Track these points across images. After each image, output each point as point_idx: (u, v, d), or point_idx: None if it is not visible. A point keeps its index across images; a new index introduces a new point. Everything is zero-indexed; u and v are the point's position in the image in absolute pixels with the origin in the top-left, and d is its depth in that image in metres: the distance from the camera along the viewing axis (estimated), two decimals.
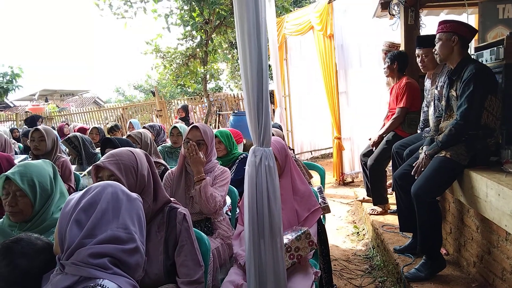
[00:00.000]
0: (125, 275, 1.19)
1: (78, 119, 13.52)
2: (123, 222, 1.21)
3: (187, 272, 1.72)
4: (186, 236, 1.76)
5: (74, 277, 1.11)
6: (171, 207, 1.82)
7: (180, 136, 4.19)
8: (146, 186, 1.76)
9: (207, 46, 9.33)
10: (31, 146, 3.72)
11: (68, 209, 1.22)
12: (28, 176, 1.81)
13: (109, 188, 1.26)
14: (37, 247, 1.34)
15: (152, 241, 1.74)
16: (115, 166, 1.68)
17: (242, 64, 1.79)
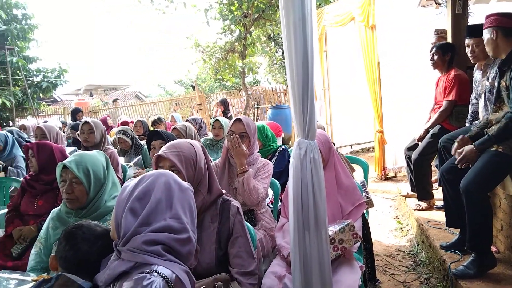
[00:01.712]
0: (179, 262, 1.23)
1: (120, 113, 13.97)
2: (175, 212, 1.24)
3: (241, 263, 1.76)
4: (240, 229, 1.81)
5: (130, 263, 1.17)
6: (224, 199, 1.87)
7: (221, 129, 4.25)
8: (202, 178, 1.82)
9: (246, 40, 9.37)
10: (81, 138, 3.90)
11: (123, 197, 1.27)
12: (83, 165, 1.90)
13: (162, 177, 1.29)
14: (96, 233, 1.41)
15: (205, 231, 1.80)
16: (177, 157, 1.74)
17: (287, 56, 1.78)
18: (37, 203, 2.87)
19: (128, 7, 57.05)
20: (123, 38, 53.13)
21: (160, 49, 45.46)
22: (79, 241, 1.37)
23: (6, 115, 13.56)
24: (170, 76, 28.51)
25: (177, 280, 1.16)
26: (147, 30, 61.44)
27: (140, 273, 1.12)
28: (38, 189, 2.89)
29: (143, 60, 39.88)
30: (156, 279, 1.09)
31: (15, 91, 13.49)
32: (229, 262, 1.81)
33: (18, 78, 13.81)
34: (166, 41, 50.29)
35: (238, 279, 1.76)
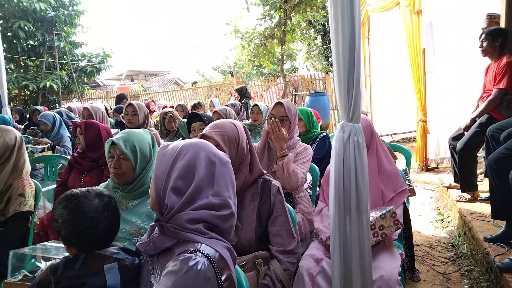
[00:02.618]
0: (220, 239, 1.24)
1: (161, 98, 14.27)
2: (218, 190, 1.24)
3: (281, 241, 1.79)
4: (280, 208, 1.84)
5: (173, 240, 1.20)
6: (264, 179, 1.90)
7: (260, 114, 4.26)
8: (244, 158, 1.85)
9: (285, 26, 9.27)
10: (125, 120, 4.03)
11: (162, 169, 1.25)
12: (130, 142, 1.97)
13: (202, 151, 1.27)
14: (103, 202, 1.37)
15: (246, 209, 1.84)
16: (220, 137, 1.78)
17: (333, 37, 1.76)
18: (83, 179, 3.01)
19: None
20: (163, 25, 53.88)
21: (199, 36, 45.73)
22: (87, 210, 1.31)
23: (53, 97, 14.18)
24: (209, 63, 28.78)
25: (220, 258, 1.18)
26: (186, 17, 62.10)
27: (185, 252, 1.14)
28: (85, 166, 3.02)
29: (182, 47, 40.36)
30: (201, 259, 1.11)
31: (62, 75, 14.05)
32: (269, 240, 1.83)
33: (64, 63, 14.37)
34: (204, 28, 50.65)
35: (278, 257, 1.79)
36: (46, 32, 13.62)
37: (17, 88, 13.45)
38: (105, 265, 1.22)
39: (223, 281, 1.15)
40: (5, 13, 12.93)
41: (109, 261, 1.24)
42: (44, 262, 1.70)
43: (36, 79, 13.32)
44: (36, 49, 14.05)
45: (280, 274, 1.79)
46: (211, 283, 1.11)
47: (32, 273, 1.64)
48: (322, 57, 15.04)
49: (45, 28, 13.69)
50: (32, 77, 13.40)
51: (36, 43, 13.95)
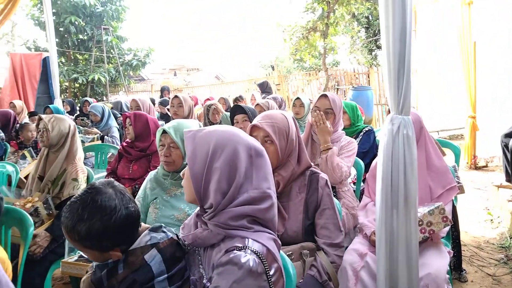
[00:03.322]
0: (265, 230, 1.25)
1: (202, 92, 14.51)
2: (257, 182, 1.23)
3: (328, 234, 1.78)
4: (328, 201, 1.83)
5: (219, 236, 1.21)
6: (312, 171, 1.89)
7: (302, 107, 4.23)
8: (293, 150, 1.84)
9: (329, 18, 9.14)
10: (171, 112, 4.13)
11: (199, 168, 1.21)
12: (180, 131, 2.03)
13: (238, 146, 1.23)
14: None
15: (292, 200, 1.84)
16: (271, 128, 1.77)
17: (383, 27, 1.72)
18: (132, 168, 3.12)
19: None
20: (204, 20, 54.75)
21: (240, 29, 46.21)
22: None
23: (101, 90, 14.75)
24: (250, 58, 28.89)
25: (267, 252, 1.19)
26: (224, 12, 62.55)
27: (234, 249, 1.15)
28: (133, 155, 3.14)
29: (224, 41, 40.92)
30: (251, 256, 1.13)
31: (109, 68, 14.58)
32: (316, 232, 1.82)
33: (111, 56, 14.89)
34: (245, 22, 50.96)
35: (325, 249, 1.78)
36: (94, 27, 14.18)
37: (68, 80, 14.09)
38: (145, 255, 1.19)
39: (272, 275, 1.17)
40: (58, 9, 13.55)
41: (147, 250, 1.20)
42: None
43: (85, 72, 13.90)
44: (85, 43, 14.65)
45: (327, 266, 1.78)
46: (262, 279, 1.13)
47: None
48: (365, 51, 14.72)
49: (94, 22, 14.24)
50: (81, 70, 14.00)
51: (85, 37, 14.54)
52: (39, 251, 2.30)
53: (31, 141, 4.62)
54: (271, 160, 1.68)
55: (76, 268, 1.67)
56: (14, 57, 10.25)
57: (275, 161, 1.80)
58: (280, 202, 1.80)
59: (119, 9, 14.70)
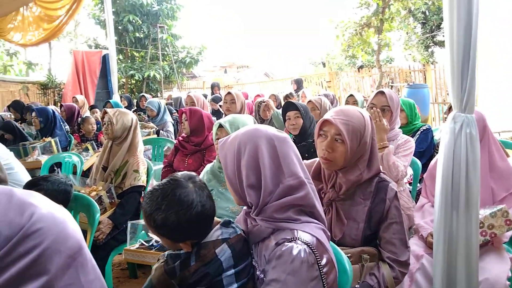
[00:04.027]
0: (313, 221, 1.26)
1: (252, 89, 14.63)
2: (287, 169, 1.24)
3: (394, 250, 1.65)
4: (396, 215, 1.67)
5: (268, 230, 1.24)
6: (380, 178, 1.73)
7: (355, 105, 4.17)
8: (364, 153, 1.68)
9: (384, 14, 8.89)
10: (224, 108, 4.22)
11: (231, 170, 1.28)
12: (235, 125, 2.09)
13: (258, 140, 1.26)
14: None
15: (355, 206, 1.70)
16: (345, 126, 1.60)
17: (447, 19, 1.66)
18: (187, 161, 3.23)
19: None
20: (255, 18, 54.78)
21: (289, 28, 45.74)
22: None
23: (156, 86, 15.29)
24: (300, 55, 28.70)
25: (318, 243, 1.20)
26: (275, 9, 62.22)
27: (285, 241, 1.18)
28: (189, 149, 3.25)
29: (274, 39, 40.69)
30: (301, 247, 1.15)
31: (164, 65, 15.08)
32: (380, 245, 1.70)
33: (166, 54, 15.39)
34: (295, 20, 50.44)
35: (390, 264, 1.67)
36: (151, 25, 14.71)
37: (125, 77, 14.73)
38: (216, 249, 1.22)
39: (324, 265, 1.18)
40: (117, 8, 14.20)
41: (218, 245, 1.23)
42: None
43: (141, 69, 14.48)
44: (142, 41, 15.25)
45: (388, 280, 1.66)
46: (314, 269, 1.15)
47: (147, 242, 1.82)
48: (421, 47, 14.16)
49: (150, 21, 14.78)
50: (138, 67, 14.60)
51: (142, 35, 15.13)
52: (102, 237, 2.45)
53: (92, 134, 4.90)
54: (336, 161, 1.64)
55: (137, 255, 1.77)
56: (76, 54, 10.90)
57: (341, 162, 1.65)
58: (341, 206, 1.71)
59: (174, 8, 15.14)
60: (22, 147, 3.99)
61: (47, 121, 4.55)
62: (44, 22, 10.20)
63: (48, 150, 4.08)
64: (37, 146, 3.99)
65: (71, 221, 0.76)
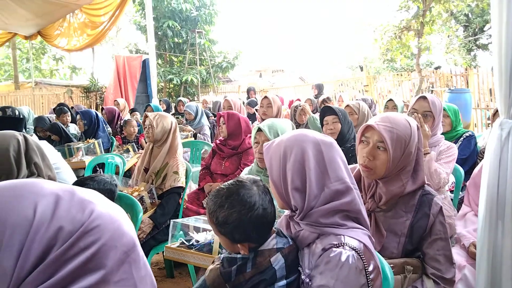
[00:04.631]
0: (359, 227, 1.25)
1: (286, 93, 14.63)
2: (333, 174, 1.25)
3: (438, 267, 1.59)
4: (440, 230, 1.60)
5: (313, 234, 1.25)
6: (425, 191, 1.65)
7: (395, 109, 4.10)
8: (408, 164, 1.59)
9: (424, 17, 8.68)
10: (260, 112, 4.25)
11: (276, 173, 1.29)
12: (274, 129, 2.11)
13: (304, 144, 1.27)
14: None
15: (396, 218, 1.63)
16: (389, 133, 1.53)
17: (495, 22, 1.61)
18: (224, 164, 3.28)
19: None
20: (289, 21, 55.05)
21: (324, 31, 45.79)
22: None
23: (193, 90, 15.60)
24: (336, 59, 28.46)
25: (365, 249, 1.20)
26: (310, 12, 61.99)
27: (332, 247, 1.18)
28: (226, 153, 3.30)
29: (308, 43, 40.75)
30: (349, 253, 1.15)
31: (201, 70, 15.37)
32: (425, 260, 1.64)
33: (203, 59, 15.68)
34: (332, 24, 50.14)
35: (433, 280, 1.62)
36: (189, 30, 15.04)
37: (164, 81, 15.13)
38: (271, 258, 1.23)
39: (371, 271, 1.18)
40: (157, 14, 14.62)
41: (273, 254, 1.24)
42: (195, 233, 1.92)
43: (179, 73, 14.82)
44: (180, 46, 15.62)
45: None
46: (362, 275, 1.15)
47: (187, 241, 1.87)
48: (463, 51, 13.70)
49: (188, 26, 15.12)
50: (176, 72, 14.96)
51: (180, 40, 15.50)
52: (142, 236, 2.53)
53: (133, 136, 5.07)
54: (377, 169, 1.58)
55: (178, 254, 1.82)
56: (118, 59, 11.31)
57: (382, 172, 1.58)
58: (380, 217, 1.66)
59: (212, 13, 15.42)
60: (68, 148, 4.18)
61: (91, 123, 4.75)
62: (88, 28, 10.68)
63: (91, 151, 4.26)
64: (81, 147, 4.17)
65: (126, 219, 0.81)
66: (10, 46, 14.15)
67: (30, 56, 15.14)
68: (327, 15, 43.47)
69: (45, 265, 0.70)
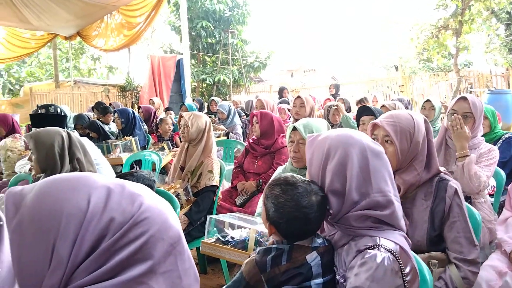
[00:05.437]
0: (394, 228, 1.24)
1: (318, 93, 14.50)
2: (377, 186, 1.23)
3: (460, 249, 1.62)
4: (458, 212, 1.64)
5: (348, 236, 1.25)
6: (441, 177, 1.72)
7: (432, 110, 3.99)
8: (418, 153, 1.69)
9: (463, 15, 8.40)
10: (293, 111, 4.25)
11: (315, 169, 1.29)
12: (309, 128, 2.12)
13: (350, 148, 1.25)
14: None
15: (417, 207, 1.71)
16: (392, 127, 1.67)
17: None
18: (257, 163, 3.31)
19: None
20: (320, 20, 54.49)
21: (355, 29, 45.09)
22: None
23: (225, 90, 15.74)
24: (370, 58, 27.98)
25: (401, 250, 1.18)
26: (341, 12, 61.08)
27: (367, 248, 1.17)
28: (259, 152, 3.32)
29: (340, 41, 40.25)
30: (385, 254, 1.14)
31: (233, 70, 15.49)
32: (447, 245, 1.68)
33: (235, 59, 15.79)
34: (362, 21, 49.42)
35: (457, 264, 1.64)
36: (222, 31, 15.18)
37: (197, 81, 15.34)
38: (307, 255, 1.24)
39: (407, 273, 1.16)
40: (191, 14, 14.84)
41: (309, 251, 1.25)
42: (230, 229, 1.95)
43: (212, 73, 14.99)
44: (213, 46, 15.79)
45: (457, 281, 1.63)
46: (398, 277, 1.14)
47: (223, 237, 1.90)
48: (504, 50, 13.15)
49: (221, 27, 15.26)
50: (209, 72, 15.13)
51: (213, 40, 15.66)
52: None
53: (168, 134, 5.18)
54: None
55: (213, 249, 1.85)
56: (153, 59, 11.57)
57: (394, 164, 1.67)
58: (403, 207, 1.71)
59: (245, 13, 15.50)
60: (106, 145, 4.33)
61: (128, 121, 4.89)
62: (125, 29, 10.99)
63: (128, 148, 4.38)
64: (119, 144, 4.30)
65: (172, 213, 0.84)
66: (51, 46, 14.72)
67: (69, 56, 15.75)
68: (353, 13, 42.65)
69: (97, 254, 0.74)
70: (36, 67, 19.92)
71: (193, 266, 0.84)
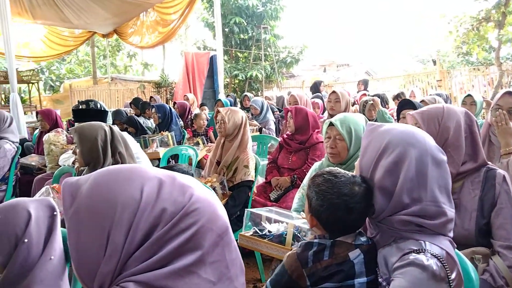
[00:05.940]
0: (439, 232, 1.20)
1: (350, 88, 14.27)
2: (432, 194, 1.18)
3: (506, 236, 1.60)
4: (506, 199, 1.63)
5: (391, 237, 1.22)
6: (488, 168, 1.72)
7: (473, 105, 3.86)
8: (453, 140, 1.70)
9: (507, 6, 8.02)
10: (328, 106, 4.22)
11: (368, 161, 1.26)
12: (346, 123, 2.10)
13: (411, 149, 1.20)
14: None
15: (465, 196, 1.70)
16: (419, 115, 1.77)
17: None
18: (291, 159, 3.31)
19: None
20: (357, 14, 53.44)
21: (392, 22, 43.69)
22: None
23: (257, 86, 15.76)
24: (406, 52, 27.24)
25: (447, 256, 1.15)
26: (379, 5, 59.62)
27: (412, 252, 1.14)
28: (293, 147, 3.32)
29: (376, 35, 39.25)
30: (432, 260, 1.11)
31: (265, 65, 15.47)
32: (492, 233, 1.65)
33: (268, 54, 15.76)
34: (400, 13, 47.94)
35: (500, 253, 1.60)
36: (255, 26, 15.18)
37: (229, 77, 15.43)
38: (350, 252, 1.22)
39: (453, 279, 1.13)
40: (225, 10, 14.91)
41: (352, 248, 1.23)
42: (267, 223, 1.97)
43: (244, 69, 15.03)
44: (246, 42, 15.80)
45: (502, 270, 1.58)
46: (444, 282, 1.11)
47: (260, 230, 1.92)
48: None
49: (254, 22, 15.25)
50: (241, 68, 15.18)
51: (246, 36, 15.69)
52: None
53: (203, 129, 5.26)
54: None
55: (251, 242, 1.87)
56: (187, 55, 11.73)
57: None
58: None
59: (278, 9, 15.43)
60: (143, 140, 4.44)
61: (165, 116, 5.00)
62: (160, 26, 11.21)
63: (165, 143, 4.49)
64: (156, 139, 4.41)
65: (220, 204, 0.86)
66: (89, 44, 15.19)
67: (107, 53, 16.22)
68: (386, 8, 41.65)
69: (150, 243, 0.77)
70: (75, 64, 20.61)
71: (239, 256, 0.86)
